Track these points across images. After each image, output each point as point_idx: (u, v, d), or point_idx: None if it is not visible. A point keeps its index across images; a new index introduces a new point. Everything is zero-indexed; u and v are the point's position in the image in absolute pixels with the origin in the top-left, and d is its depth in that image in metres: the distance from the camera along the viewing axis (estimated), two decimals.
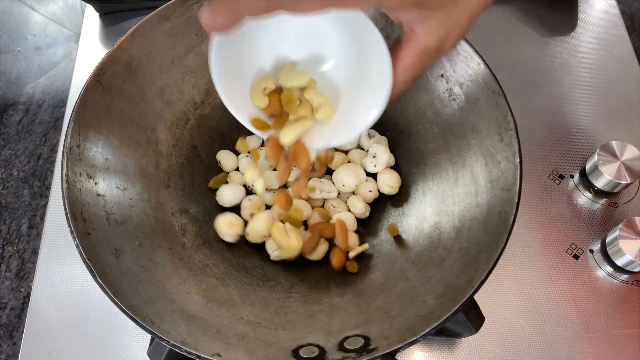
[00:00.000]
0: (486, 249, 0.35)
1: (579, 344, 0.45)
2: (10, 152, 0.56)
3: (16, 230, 0.52)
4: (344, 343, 0.34)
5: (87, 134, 0.38)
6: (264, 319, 0.36)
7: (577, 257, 0.48)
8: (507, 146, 0.38)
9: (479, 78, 0.41)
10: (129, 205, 0.39)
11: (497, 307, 0.46)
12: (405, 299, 0.36)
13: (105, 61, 0.40)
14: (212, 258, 0.41)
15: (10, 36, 0.63)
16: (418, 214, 0.42)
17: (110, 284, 0.33)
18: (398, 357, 0.43)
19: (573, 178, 0.52)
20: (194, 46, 0.45)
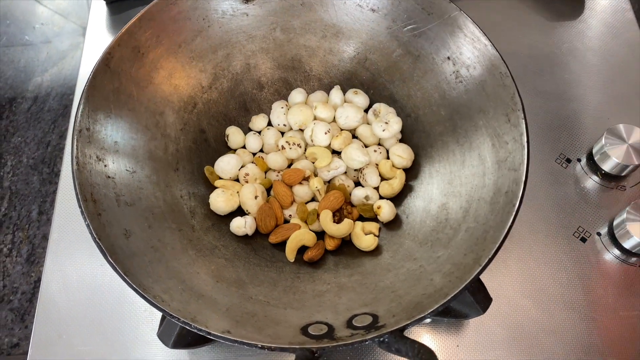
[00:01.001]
0: (493, 228, 0.35)
1: (585, 326, 0.45)
2: (19, 140, 0.56)
3: (26, 216, 0.52)
4: (352, 321, 0.34)
5: (96, 117, 0.39)
6: (272, 298, 0.37)
7: (584, 240, 0.49)
8: (514, 127, 0.38)
9: (486, 59, 0.41)
10: (138, 187, 0.39)
11: (504, 289, 0.46)
12: (413, 278, 0.36)
13: (114, 45, 0.40)
14: (221, 240, 0.41)
15: (18, 26, 0.63)
16: (425, 196, 0.42)
17: (121, 264, 0.33)
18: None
19: (580, 162, 0.52)
20: (201, 31, 0.45)
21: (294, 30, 0.47)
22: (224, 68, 0.47)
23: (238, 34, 0.47)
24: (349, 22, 0.47)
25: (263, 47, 0.47)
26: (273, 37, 0.47)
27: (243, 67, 0.47)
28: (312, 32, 0.47)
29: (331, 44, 0.48)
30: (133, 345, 0.45)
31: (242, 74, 0.47)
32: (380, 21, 0.46)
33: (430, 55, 0.44)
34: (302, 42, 0.48)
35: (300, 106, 0.45)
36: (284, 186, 0.43)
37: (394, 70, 0.46)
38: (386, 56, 0.46)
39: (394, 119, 0.43)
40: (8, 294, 0.49)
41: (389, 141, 0.45)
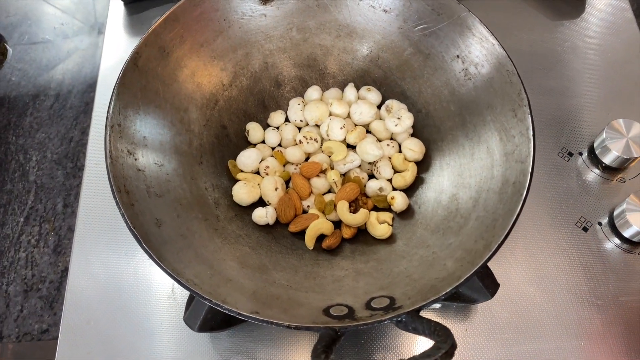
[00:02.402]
0: (502, 216, 0.38)
1: (587, 311, 0.47)
2: (43, 136, 0.58)
3: (52, 209, 0.55)
4: (370, 303, 0.36)
5: (126, 113, 0.41)
6: (294, 282, 0.39)
7: (586, 229, 0.51)
8: (521, 121, 0.40)
9: (493, 58, 0.43)
10: (166, 180, 0.42)
11: (510, 276, 0.49)
12: (426, 264, 0.39)
13: (141, 45, 0.43)
14: (244, 229, 0.43)
15: (40, 26, 0.65)
16: (436, 187, 0.45)
17: (155, 250, 0.36)
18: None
19: (582, 155, 0.54)
20: (222, 31, 0.47)
21: (310, 30, 0.50)
22: (243, 67, 0.49)
23: (256, 34, 0.49)
24: (362, 23, 0.49)
25: (280, 47, 0.50)
26: (290, 37, 0.50)
27: (261, 65, 0.50)
28: (326, 32, 0.50)
29: (345, 43, 0.50)
30: (159, 330, 0.47)
31: (260, 72, 0.50)
32: (392, 21, 0.48)
33: (440, 54, 0.46)
34: (318, 41, 0.50)
35: (316, 103, 0.48)
36: (302, 178, 0.45)
37: (405, 68, 0.49)
38: (398, 55, 0.49)
39: (405, 115, 0.46)
40: (37, 283, 0.51)
41: (401, 135, 0.47)
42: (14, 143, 0.58)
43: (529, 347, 0.46)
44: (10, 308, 0.50)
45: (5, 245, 0.53)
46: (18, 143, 0.58)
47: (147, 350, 0.46)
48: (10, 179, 0.56)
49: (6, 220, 0.54)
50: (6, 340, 0.49)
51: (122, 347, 0.46)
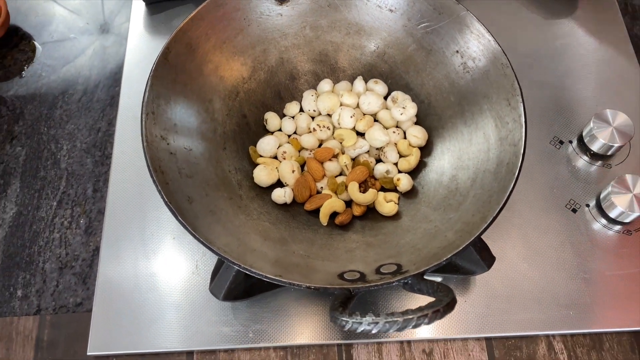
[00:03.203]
0: (497, 193, 0.42)
1: (576, 284, 0.52)
2: (73, 127, 0.63)
3: (82, 193, 0.59)
4: (380, 269, 0.41)
5: (159, 102, 0.46)
6: (311, 253, 0.44)
7: (575, 210, 0.55)
8: (514, 109, 0.45)
9: (489, 53, 0.48)
10: (195, 162, 0.46)
11: (506, 253, 0.53)
12: (429, 236, 0.43)
13: (171, 41, 0.47)
14: (265, 207, 0.48)
15: (67, 25, 0.70)
16: (438, 170, 0.49)
17: (189, 223, 0.40)
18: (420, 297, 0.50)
19: (572, 143, 0.59)
20: (242, 29, 0.52)
21: (322, 29, 0.54)
22: (261, 62, 0.54)
23: (273, 31, 0.53)
24: (369, 21, 0.54)
25: (295, 43, 0.54)
26: (303, 35, 0.54)
27: (277, 60, 0.54)
28: (337, 29, 0.54)
29: (354, 40, 0.54)
30: (184, 302, 0.51)
31: (276, 67, 0.54)
32: (397, 20, 0.53)
33: (441, 50, 0.51)
34: (329, 38, 0.55)
35: (328, 94, 0.52)
36: (316, 162, 0.50)
37: (409, 62, 0.53)
38: (402, 50, 0.53)
39: (410, 104, 0.50)
40: (70, 261, 0.56)
41: (406, 123, 0.52)
42: (46, 133, 0.63)
43: (522, 317, 0.50)
44: (47, 283, 0.55)
45: (40, 227, 0.57)
46: (50, 133, 0.63)
47: (174, 320, 0.50)
48: (43, 166, 0.61)
49: (40, 204, 0.59)
50: (44, 312, 0.53)
51: (151, 317, 0.51)
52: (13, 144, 0.62)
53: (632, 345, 0.50)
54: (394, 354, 0.50)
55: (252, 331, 0.50)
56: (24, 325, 0.53)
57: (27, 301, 0.54)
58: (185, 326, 0.50)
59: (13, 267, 0.55)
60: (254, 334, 0.50)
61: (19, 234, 0.57)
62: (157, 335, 0.50)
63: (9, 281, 0.55)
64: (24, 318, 0.53)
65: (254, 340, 0.50)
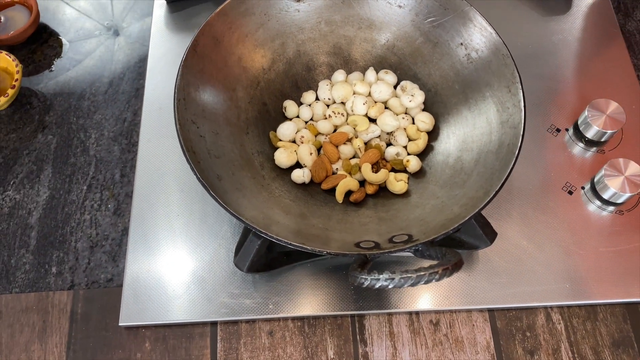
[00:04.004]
0: (499, 171, 0.46)
1: (572, 259, 0.55)
2: (100, 117, 0.67)
3: (111, 178, 0.63)
4: (392, 239, 0.45)
5: (189, 90, 0.50)
6: (329, 226, 0.48)
7: (571, 192, 0.59)
8: (514, 95, 0.49)
9: (491, 44, 0.52)
10: (221, 145, 0.50)
11: (507, 231, 0.56)
12: (437, 210, 0.47)
13: (199, 34, 0.51)
14: (285, 186, 0.52)
15: (93, 22, 0.74)
16: (444, 152, 0.53)
17: (220, 197, 0.44)
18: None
19: (568, 131, 0.63)
20: (263, 24, 0.56)
21: (336, 23, 0.58)
22: (280, 54, 0.58)
23: (291, 26, 0.58)
24: (380, 16, 0.58)
25: (311, 37, 0.59)
26: (319, 29, 0.58)
27: (295, 53, 0.59)
28: (350, 24, 0.58)
29: (365, 34, 0.59)
30: (209, 276, 0.54)
31: (294, 58, 0.59)
32: (405, 15, 0.57)
33: (446, 42, 0.55)
34: (342, 32, 0.59)
35: (342, 84, 0.56)
36: (331, 146, 0.54)
37: (417, 54, 0.57)
38: (410, 43, 0.57)
39: (418, 92, 0.55)
40: (100, 240, 0.60)
41: (414, 110, 0.56)
42: (75, 123, 0.67)
43: (522, 289, 0.54)
44: (79, 261, 0.59)
45: (72, 209, 0.61)
46: (79, 123, 0.67)
47: (199, 293, 0.53)
48: (74, 153, 0.65)
49: (72, 188, 0.63)
50: (77, 287, 0.57)
51: (177, 291, 0.54)
52: (44, 132, 0.66)
53: (625, 316, 0.54)
54: (403, 324, 0.54)
55: (272, 303, 0.54)
56: (59, 299, 0.57)
57: (61, 277, 0.58)
58: (209, 299, 0.54)
59: (47, 246, 0.59)
60: (274, 305, 0.53)
61: (52, 215, 0.61)
62: (183, 307, 0.53)
63: (44, 259, 0.59)
64: (58, 293, 0.57)
65: (273, 311, 0.53)
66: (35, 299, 0.57)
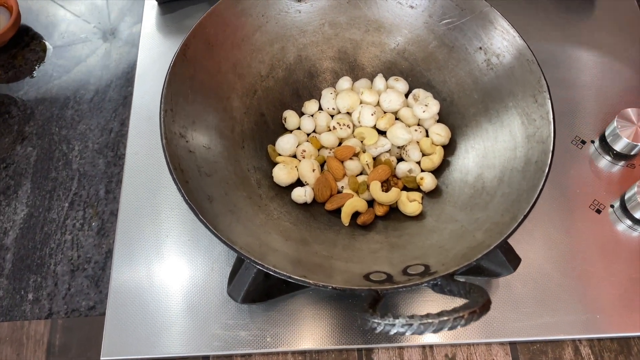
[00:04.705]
0: (526, 191, 0.41)
1: (603, 286, 0.50)
2: (85, 127, 0.62)
3: (95, 194, 0.58)
4: (407, 270, 0.40)
5: (177, 100, 0.44)
6: (334, 254, 0.42)
7: (599, 211, 0.54)
8: (541, 106, 0.44)
9: (514, 49, 0.47)
10: (214, 161, 0.45)
11: (530, 255, 0.52)
12: (456, 236, 0.42)
13: (190, 38, 0.46)
14: (285, 207, 0.47)
15: (78, 25, 0.69)
16: (462, 169, 0.48)
17: (210, 222, 0.39)
18: (441, 296, 0.49)
19: (594, 143, 0.58)
20: (260, 26, 0.51)
21: (341, 26, 0.53)
22: (279, 59, 0.53)
23: (291, 29, 0.52)
24: (389, 18, 0.53)
25: (313, 41, 0.53)
26: (322, 32, 0.53)
27: (296, 58, 0.53)
28: (356, 27, 0.53)
29: (373, 38, 0.54)
30: (200, 305, 0.50)
31: (295, 64, 0.53)
32: (418, 16, 0.52)
33: (464, 46, 0.50)
34: (348, 35, 0.54)
35: (348, 92, 0.51)
36: (336, 161, 0.49)
37: (431, 59, 0.52)
38: (423, 47, 0.52)
39: (432, 102, 0.49)
40: (82, 263, 0.54)
41: (428, 121, 0.51)
42: (57, 134, 0.62)
43: (547, 320, 0.49)
44: (58, 286, 0.53)
45: (52, 229, 0.56)
46: (61, 134, 0.62)
47: (189, 324, 0.49)
48: (55, 167, 0.60)
49: (52, 205, 0.57)
50: (55, 316, 0.52)
51: (165, 321, 0.49)
52: (24, 144, 0.61)
53: None
54: (416, 359, 0.49)
55: (270, 335, 0.49)
56: (35, 330, 0.52)
57: (38, 305, 0.52)
58: (200, 330, 0.49)
59: (24, 269, 0.54)
60: (272, 338, 0.49)
61: (30, 235, 0.56)
62: (172, 339, 0.49)
63: (20, 284, 0.53)
64: (35, 322, 0.52)
65: (271, 344, 0.48)
66: (8, 329, 0.52)
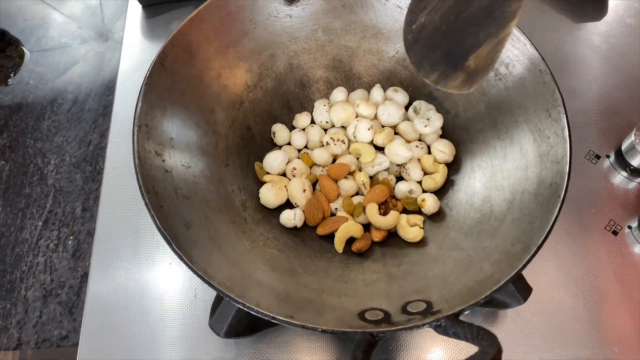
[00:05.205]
0: (539, 218, 0.37)
1: (621, 316, 0.46)
2: (61, 139, 0.58)
3: (71, 212, 0.54)
4: (406, 307, 0.35)
5: (153, 114, 0.40)
6: (326, 286, 0.38)
7: (615, 233, 0.50)
8: (556, 121, 0.39)
9: (525, 58, 0.42)
10: (194, 181, 0.41)
11: (540, 281, 0.48)
12: (462, 266, 0.38)
13: (168, 45, 0.42)
14: (272, 232, 0.42)
15: (57, 29, 0.65)
16: (467, 189, 0.44)
17: (185, 253, 0.35)
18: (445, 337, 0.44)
19: (609, 158, 0.54)
20: (247, 32, 0.47)
21: (335, 32, 0.49)
22: (268, 68, 0.48)
23: (282, 35, 0.48)
24: (388, 23, 0.48)
25: (305, 48, 0.49)
26: (315, 38, 0.49)
27: (286, 67, 0.49)
28: (352, 33, 0.49)
29: (370, 44, 0.49)
30: (181, 336, 0.46)
31: (285, 73, 0.49)
32: None
33: None
34: (343, 42, 0.49)
35: (343, 104, 0.47)
36: (330, 180, 0.44)
37: None
38: None
39: (435, 115, 0.45)
40: (56, 288, 0.50)
41: (430, 137, 0.46)
42: (32, 147, 0.58)
43: (561, 354, 0.45)
44: (29, 314, 0.49)
45: (23, 250, 0.52)
46: (36, 147, 0.58)
47: (171, 356, 0.45)
48: (29, 182, 0.56)
49: (25, 224, 0.53)
50: (25, 346, 0.48)
51: (144, 353, 0.46)
52: None
53: None
54: None
55: None
56: None
57: (6, 334, 0.48)
58: None
59: None
60: None
61: (0, 258, 0.52)
62: None
63: None
64: (2, 353, 0.48)
65: None
66: None
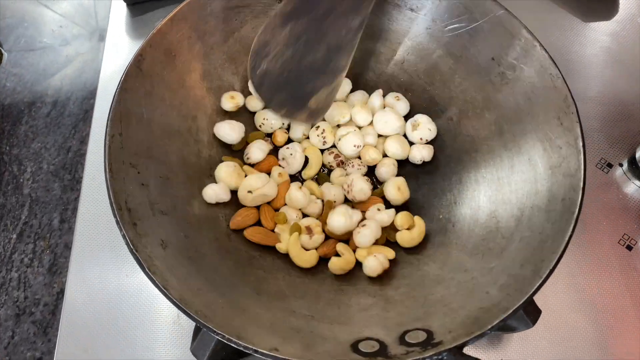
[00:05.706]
0: (551, 237, 0.33)
1: (636, 338, 0.43)
2: (39, 145, 0.55)
3: (47, 224, 0.51)
4: (404, 337, 0.32)
5: (129, 121, 0.37)
6: (316, 312, 0.35)
7: (630, 248, 0.47)
8: (568, 130, 0.36)
9: (534, 60, 0.39)
10: (172, 194, 0.38)
11: (549, 300, 0.45)
12: (466, 290, 0.34)
13: (145, 46, 0.39)
14: (258, 249, 0.39)
15: (37, 29, 0.61)
16: (472, 203, 0.40)
17: (159, 276, 0.31)
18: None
19: (622, 166, 0.50)
20: (234, 32, 0.44)
21: None
22: None
23: None
24: (385, 23, 0.45)
25: None
26: None
27: None
28: None
29: (366, 46, 0.46)
30: (165, 356, 0.43)
31: None
32: (419, 21, 0.44)
33: (473, 56, 0.42)
34: None
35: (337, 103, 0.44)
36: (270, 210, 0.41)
37: (434, 71, 0.45)
38: (425, 57, 0.45)
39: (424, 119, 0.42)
40: (30, 306, 0.47)
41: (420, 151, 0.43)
42: (8, 153, 0.54)
43: None
44: (0, 334, 0.46)
45: None
46: (12, 153, 0.54)
47: None
48: (3, 192, 0.52)
49: None
50: None
51: None
52: None
53: None
54: None
55: None
56: None
57: None
58: None
59: None
60: None
61: None
62: None
63: None
64: None
65: None
66: None
